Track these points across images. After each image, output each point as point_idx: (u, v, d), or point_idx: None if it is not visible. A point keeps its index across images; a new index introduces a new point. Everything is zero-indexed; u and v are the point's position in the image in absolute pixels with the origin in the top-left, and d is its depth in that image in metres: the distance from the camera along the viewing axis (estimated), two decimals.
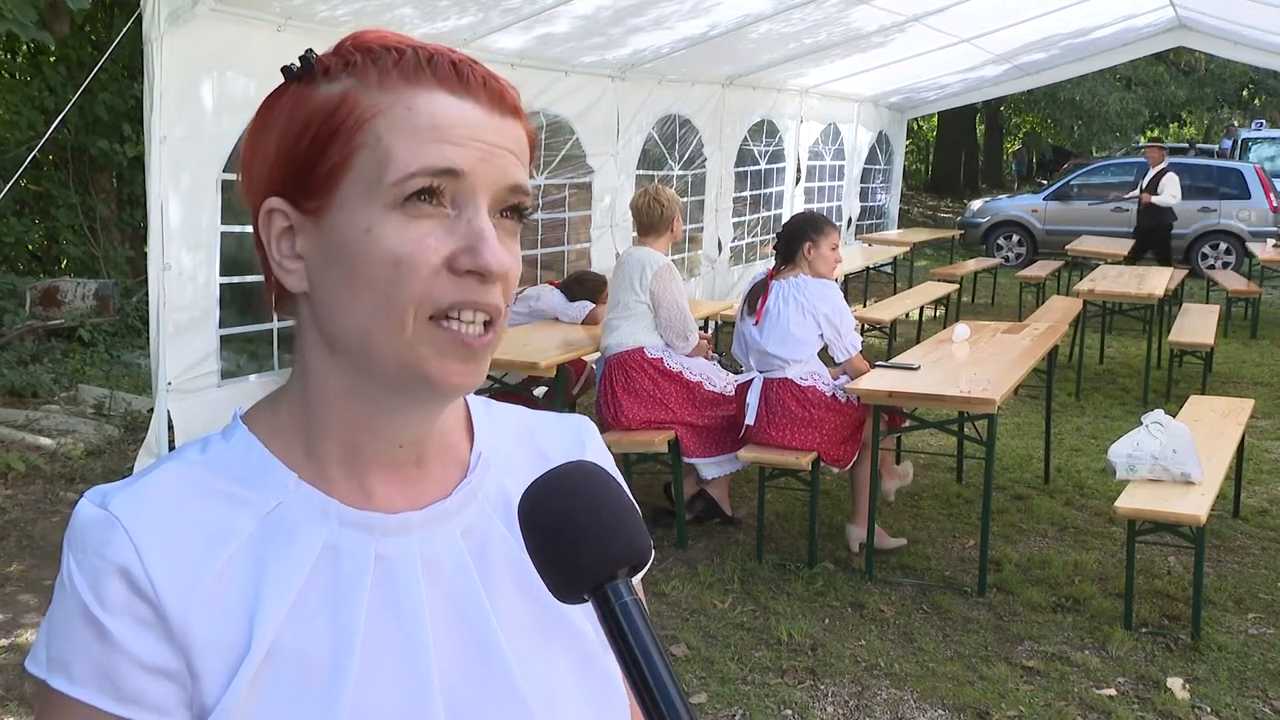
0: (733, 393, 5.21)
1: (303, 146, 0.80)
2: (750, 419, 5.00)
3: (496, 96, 0.81)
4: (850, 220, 14.05)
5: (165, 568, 0.77)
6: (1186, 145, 24.86)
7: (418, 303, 0.78)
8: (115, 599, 0.76)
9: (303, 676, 0.78)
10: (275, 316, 0.86)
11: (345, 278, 0.79)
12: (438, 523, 0.85)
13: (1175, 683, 3.90)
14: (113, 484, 0.81)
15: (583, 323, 6.22)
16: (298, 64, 0.81)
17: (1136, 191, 13.82)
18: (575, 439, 0.97)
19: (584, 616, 0.89)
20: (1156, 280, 8.91)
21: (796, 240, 5.07)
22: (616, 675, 0.90)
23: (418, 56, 0.80)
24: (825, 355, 5.10)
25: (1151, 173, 13.43)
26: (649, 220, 5.26)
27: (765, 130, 11.34)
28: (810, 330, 4.98)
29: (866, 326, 7.94)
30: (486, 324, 0.80)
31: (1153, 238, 13.08)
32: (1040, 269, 11.98)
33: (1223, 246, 15.60)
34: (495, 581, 0.86)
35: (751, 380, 5.06)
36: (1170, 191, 13.09)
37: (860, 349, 5.11)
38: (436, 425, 0.87)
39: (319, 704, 0.78)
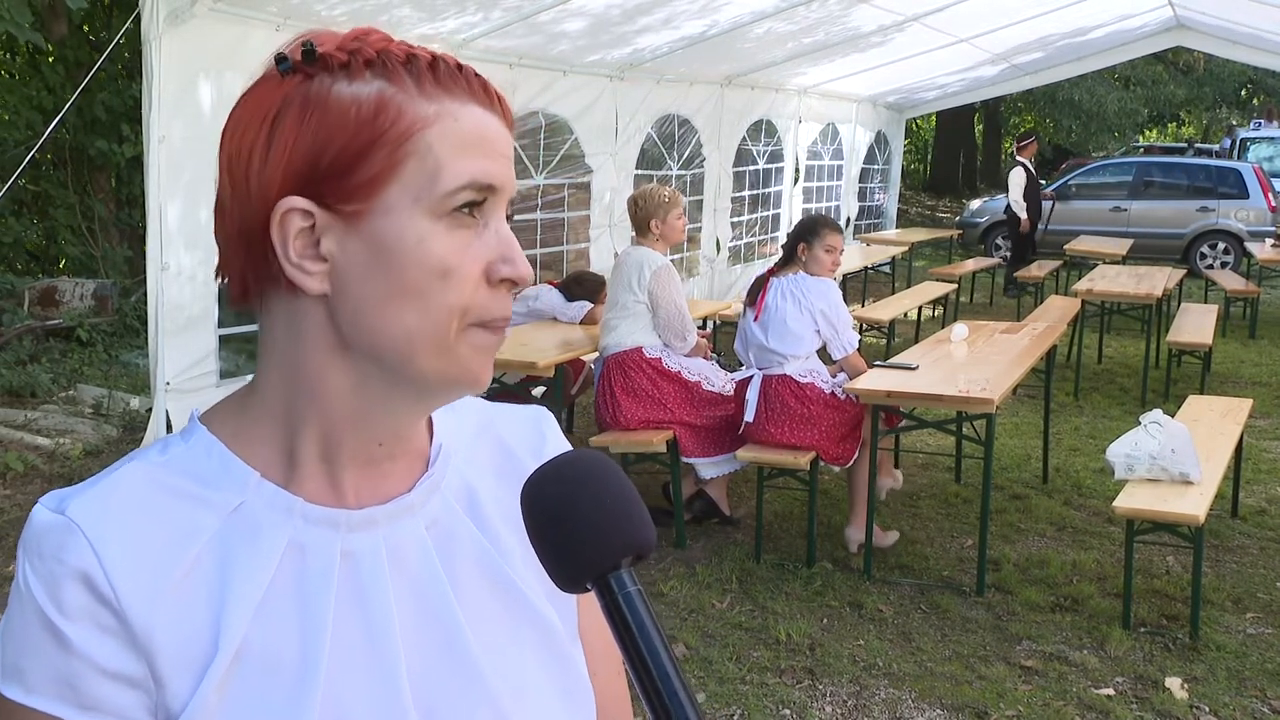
0: (731, 392, 5.21)
1: (336, 148, 0.78)
2: (749, 415, 5.01)
3: (507, 110, 0.85)
4: (849, 220, 14.05)
5: (126, 571, 0.75)
6: (1185, 145, 24.86)
7: (461, 312, 0.80)
8: (74, 605, 0.74)
9: (271, 676, 0.78)
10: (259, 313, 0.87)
11: (392, 284, 0.79)
12: (402, 517, 0.85)
13: (1174, 682, 3.90)
14: (70, 488, 0.79)
15: (581, 322, 6.21)
16: (298, 56, 0.79)
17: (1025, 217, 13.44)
18: (535, 429, 0.97)
19: (551, 608, 0.89)
20: (1155, 280, 8.91)
21: (795, 240, 5.20)
22: (583, 666, 0.91)
23: (448, 66, 0.81)
24: (824, 355, 5.12)
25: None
26: (632, 220, 5.34)
27: (764, 130, 11.35)
28: (807, 326, 5.00)
29: (865, 326, 7.94)
30: None
31: (1024, 240, 13.19)
32: (1039, 269, 11.98)
33: (1221, 246, 15.61)
34: (461, 574, 0.86)
35: (751, 377, 5.08)
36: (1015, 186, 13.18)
37: (858, 347, 5.13)
38: (420, 422, 0.88)
39: (288, 703, 0.77)
